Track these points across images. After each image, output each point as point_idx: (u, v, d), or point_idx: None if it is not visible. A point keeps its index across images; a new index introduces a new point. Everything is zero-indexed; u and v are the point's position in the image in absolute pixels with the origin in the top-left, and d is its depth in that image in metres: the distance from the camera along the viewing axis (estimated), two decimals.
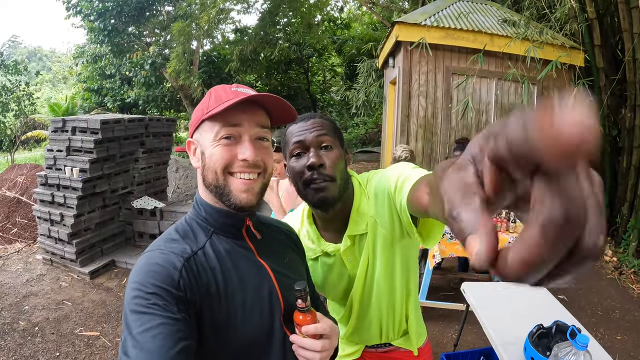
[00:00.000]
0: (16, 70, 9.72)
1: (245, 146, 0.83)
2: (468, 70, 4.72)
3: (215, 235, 0.88)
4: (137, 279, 0.74)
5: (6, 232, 5.35)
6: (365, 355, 1.42)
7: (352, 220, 1.14)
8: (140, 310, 0.70)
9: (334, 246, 1.18)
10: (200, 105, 0.88)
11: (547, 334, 1.66)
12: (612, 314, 3.80)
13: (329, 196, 1.04)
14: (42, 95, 21.43)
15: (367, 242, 1.15)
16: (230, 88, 0.86)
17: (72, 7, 11.36)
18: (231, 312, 0.82)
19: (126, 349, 0.67)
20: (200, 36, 11.56)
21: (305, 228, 1.23)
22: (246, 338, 0.83)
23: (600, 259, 4.97)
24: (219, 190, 0.84)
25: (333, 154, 1.06)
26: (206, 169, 0.85)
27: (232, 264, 0.86)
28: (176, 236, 0.86)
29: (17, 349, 3.05)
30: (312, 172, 1.04)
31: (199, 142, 0.87)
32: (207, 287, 0.80)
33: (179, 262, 0.78)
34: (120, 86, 13.74)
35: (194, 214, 0.91)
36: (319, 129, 1.06)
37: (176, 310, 0.72)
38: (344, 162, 1.10)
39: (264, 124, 0.88)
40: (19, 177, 6.36)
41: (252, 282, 0.87)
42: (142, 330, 0.68)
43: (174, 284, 0.74)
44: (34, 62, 44.86)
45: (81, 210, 4.39)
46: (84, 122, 4.50)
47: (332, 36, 14.96)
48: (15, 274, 4.34)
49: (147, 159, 5.27)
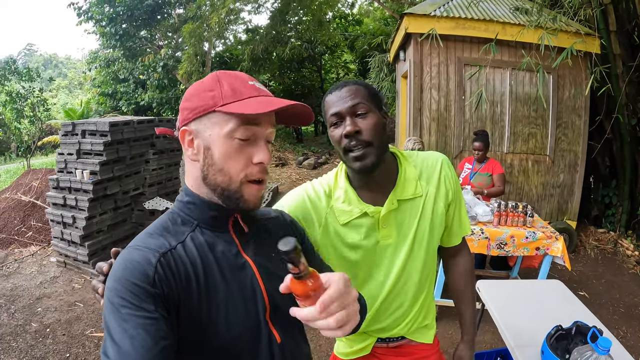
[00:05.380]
0: (29, 76, 9.87)
1: (262, 148, 0.79)
2: (480, 61, 4.59)
3: (198, 229, 0.83)
4: (113, 277, 0.71)
5: (21, 235, 5.41)
6: (375, 351, 1.38)
7: (399, 184, 1.16)
8: (117, 310, 0.67)
9: (374, 208, 1.15)
10: (205, 90, 0.79)
11: (567, 336, 1.54)
12: (634, 310, 3.65)
13: (368, 162, 1.07)
14: (59, 101, 21.82)
15: (412, 211, 1.18)
16: (247, 81, 0.81)
17: (84, 13, 11.49)
18: (212, 309, 0.76)
19: (106, 350, 0.64)
20: (211, 37, 11.60)
21: (342, 189, 1.19)
22: (229, 338, 0.77)
23: (621, 253, 4.81)
24: (228, 194, 0.79)
25: (369, 120, 1.07)
26: (214, 169, 0.78)
27: (214, 258, 0.80)
28: (156, 231, 0.81)
29: (28, 350, 3.06)
30: (349, 140, 1.06)
31: (201, 134, 0.79)
32: (187, 281, 0.75)
33: (153, 258, 0.73)
34: (134, 90, 13.90)
35: (178, 207, 0.86)
36: (352, 98, 1.07)
37: (153, 308, 0.68)
38: (381, 126, 1.10)
39: (274, 123, 0.84)
40: (34, 182, 6.44)
41: (234, 278, 0.81)
42: (120, 331, 0.65)
43: (149, 280, 0.70)
44: (49, 69, 45.78)
45: (93, 213, 4.41)
46: (93, 125, 4.52)
47: (344, 33, 14.87)
48: (30, 276, 4.37)
49: (157, 160, 5.27)
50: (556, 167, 5.22)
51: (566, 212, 5.32)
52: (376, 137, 1.07)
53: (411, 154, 1.23)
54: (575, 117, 5.13)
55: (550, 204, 5.32)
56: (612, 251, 4.99)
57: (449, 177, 1.20)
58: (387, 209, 1.15)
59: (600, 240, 5.22)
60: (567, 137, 5.17)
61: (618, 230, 5.22)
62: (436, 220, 1.20)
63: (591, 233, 5.40)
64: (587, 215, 5.75)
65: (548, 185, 5.26)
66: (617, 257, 4.86)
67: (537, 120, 5.13)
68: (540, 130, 5.15)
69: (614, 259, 4.81)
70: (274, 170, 10.40)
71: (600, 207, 5.66)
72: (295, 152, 12.33)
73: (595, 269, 4.55)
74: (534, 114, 5.11)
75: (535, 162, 5.19)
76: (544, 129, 5.14)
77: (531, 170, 5.22)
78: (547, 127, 5.13)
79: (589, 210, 5.76)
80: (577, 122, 5.14)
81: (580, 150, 5.19)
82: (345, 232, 1.18)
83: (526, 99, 5.09)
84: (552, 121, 5.09)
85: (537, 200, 5.31)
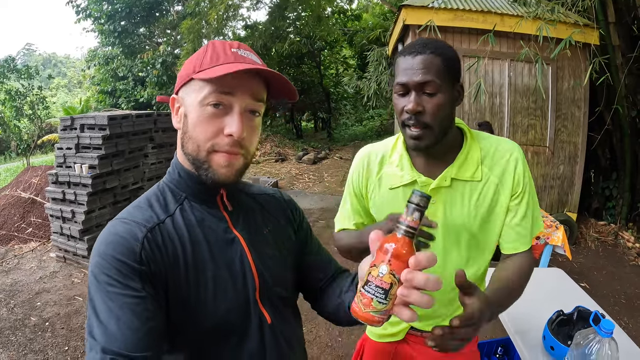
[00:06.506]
0: (28, 74, 9.86)
1: (234, 119, 0.73)
2: (479, 52, 4.55)
3: (187, 202, 0.80)
4: (98, 251, 0.68)
5: (21, 232, 5.40)
6: (408, 338, 1.29)
7: (458, 161, 1.08)
8: (102, 287, 0.65)
9: (425, 178, 1.09)
10: (193, 59, 0.77)
11: (568, 321, 1.53)
12: (636, 302, 3.64)
13: (421, 145, 1.01)
14: (58, 100, 21.84)
15: (465, 194, 1.08)
16: (231, 48, 0.76)
17: (82, 11, 11.49)
18: (201, 287, 0.74)
19: (92, 329, 0.63)
20: (210, 34, 11.57)
21: (398, 153, 1.14)
22: (218, 317, 0.75)
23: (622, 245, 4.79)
24: (197, 164, 0.76)
25: (436, 100, 0.97)
26: (187, 137, 0.76)
27: (202, 234, 0.77)
28: (144, 203, 0.78)
29: (27, 343, 3.05)
30: (409, 116, 0.99)
31: (184, 101, 0.77)
32: (174, 257, 0.73)
33: (140, 233, 0.71)
34: (133, 87, 13.87)
35: (168, 178, 0.83)
36: (424, 72, 0.96)
37: (140, 286, 0.66)
38: (449, 106, 1.01)
39: (259, 96, 0.77)
40: (34, 179, 6.42)
41: (223, 255, 0.78)
42: (105, 310, 0.63)
43: (135, 257, 0.68)
44: (49, 68, 45.70)
45: (92, 207, 4.40)
46: (91, 118, 4.51)
47: (343, 28, 14.82)
48: (29, 271, 4.37)
49: (157, 154, 5.26)
50: (556, 159, 5.20)
51: (566, 204, 5.31)
52: (438, 121, 0.99)
53: (483, 135, 1.14)
54: (575, 109, 5.11)
55: (550, 195, 5.30)
56: (613, 243, 4.97)
57: (520, 171, 1.09)
58: (438, 183, 1.07)
59: (601, 233, 5.20)
60: (566, 128, 5.15)
61: (619, 222, 5.20)
62: (493, 213, 1.09)
63: (591, 225, 5.38)
64: (588, 207, 5.73)
65: (548, 177, 5.24)
66: (617, 249, 4.84)
67: (537, 112, 5.11)
68: (540, 122, 5.12)
69: (615, 251, 4.79)
70: (273, 165, 10.39)
71: (600, 199, 5.64)
72: (295, 148, 12.31)
73: (595, 261, 4.53)
74: (533, 105, 5.09)
75: (535, 154, 5.17)
76: (543, 120, 5.12)
77: (531, 161, 5.20)
78: (547, 119, 5.10)
79: (590, 202, 5.74)
80: (577, 113, 5.12)
81: (580, 142, 5.17)
82: (392, 198, 1.14)
83: (525, 90, 5.06)
84: (551, 112, 5.07)
85: (537, 192, 5.28)
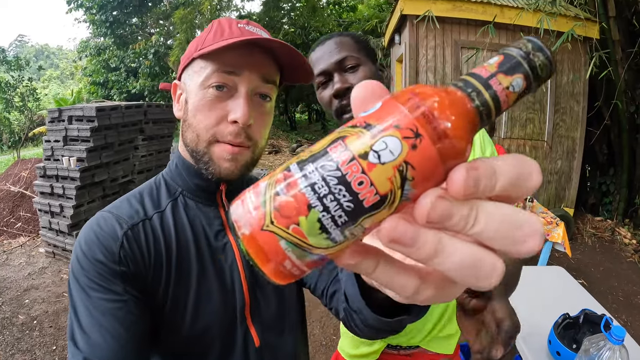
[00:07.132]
0: (18, 65, 9.68)
1: (239, 103, 0.64)
2: (478, 44, 4.49)
3: (182, 198, 0.72)
4: (80, 248, 0.63)
5: (10, 226, 5.29)
6: (383, 358, 1.20)
7: None
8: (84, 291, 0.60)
9: None
10: (196, 39, 0.69)
11: (574, 325, 1.48)
12: (634, 299, 3.61)
13: None
14: (50, 92, 21.57)
15: None
16: (237, 23, 0.67)
17: (73, 1, 11.27)
18: (181, 295, 0.66)
19: (74, 334, 0.59)
20: (203, 24, 11.40)
21: None
22: (199, 328, 0.67)
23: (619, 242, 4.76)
24: (197, 156, 0.67)
25: (360, 74, 0.92)
26: (187, 125, 0.67)
27: (192, 236, 0.69)
28: (136, 196, 0.71)
29: (14, 343, 2.97)
30: (339, 100, 0.92)
31: (185, 86, 0.68)
32: (156, 259, 0.65)
33: (120, 230, 0.64)
34: (125, 78, 13.69)
35: (166, 170, 0.76)
36: (338, 50, 0.92)
37: (122, 289, 0.61)
38: (377, 79, 0.88)
39: (270, 77, 0.68)
40: (23, 172, 6.29)
41: (212, 261, 0.70)
42: (87, 316, 0.59)
43: (114, 258, 0.62)
44: (41, 60, 45.21)
45: (80, 201, 4.29)
46: (79, 110, 4.37)
47: (338, 19, 14.68)
48: (18, 267, 4.26)
49: (147, 147, 5.14)
50: (554, 154, 5.15)
51: (564, 200, 5.27)
52: None
53: None
54: (574, 103, 5.05)
55: (547, 191, 5.26)
56: (610, 239, 4.95)
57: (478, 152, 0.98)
58: None
59: (598, 228, 5.17)
60: (565, 123, 5.09)
61: (615, 218, 5.17)
62: None
63: (588, 221, 5.35)
64: (584, 203, 5.70)
65: (545, 172, 5.19)
66: (614, 245, 4.81)
67: (535, 106, 5.04)
68: (538, 116, 5.06)
69: (612, 247, 4.76)
70: (267, 157, 10.28)
71: (597, 195, 5.61)
72: (289, 140, 12.24)
73: (593, 257, 4.50)
74: (532, 98, 5.02)
75: (532, 148, 5.12)
76: (541, 115, 5.06)
77: (528, 156, 5.07)
78: (545, 113, 5.04)
79: (586, 198, 5.71)
80: (576, 107, 5.06)
81: (578, 137, 5.12)
82: None
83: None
84: (550, 106, 5.01)
85: None
